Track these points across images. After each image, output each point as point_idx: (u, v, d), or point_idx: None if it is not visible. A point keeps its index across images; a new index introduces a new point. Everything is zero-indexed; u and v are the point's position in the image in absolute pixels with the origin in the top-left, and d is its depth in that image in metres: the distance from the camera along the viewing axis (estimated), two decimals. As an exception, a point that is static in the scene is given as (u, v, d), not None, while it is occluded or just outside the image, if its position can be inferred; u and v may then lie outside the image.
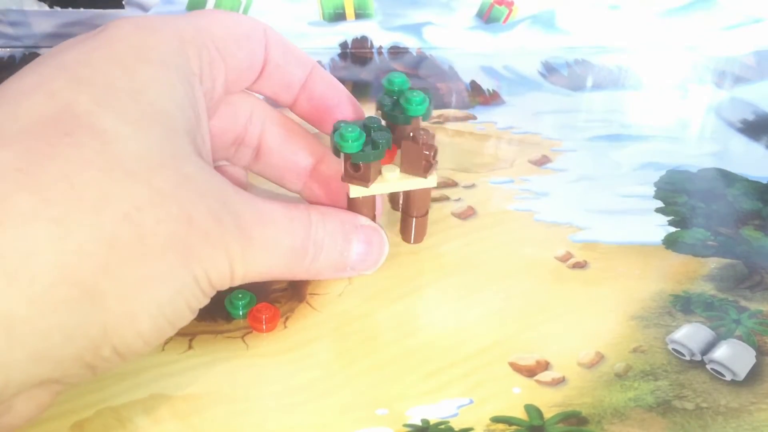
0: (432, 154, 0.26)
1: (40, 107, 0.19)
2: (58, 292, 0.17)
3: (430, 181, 0.26)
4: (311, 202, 0.28)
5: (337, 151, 0.25)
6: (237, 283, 0.22)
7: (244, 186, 0.28)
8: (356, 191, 0.26)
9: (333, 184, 0.27)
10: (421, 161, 0.26)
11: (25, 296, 0.17)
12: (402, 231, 0.29)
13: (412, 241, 0.29)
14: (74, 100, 0.19)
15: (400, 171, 0.26)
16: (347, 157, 0.25)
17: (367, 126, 0.25)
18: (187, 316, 0.21)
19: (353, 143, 0.24)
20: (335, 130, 0.25)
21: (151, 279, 0.19)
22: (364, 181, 0.25)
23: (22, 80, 0.20)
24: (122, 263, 0.18)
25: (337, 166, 0.27)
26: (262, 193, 0.30)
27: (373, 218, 0.27)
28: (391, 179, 0.26)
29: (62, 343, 0.18)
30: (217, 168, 0.28)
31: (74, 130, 0.18)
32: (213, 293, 0.21)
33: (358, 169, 0.25)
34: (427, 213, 0.29)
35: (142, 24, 0.22)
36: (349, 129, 0.24)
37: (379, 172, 0.26)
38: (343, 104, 0.27)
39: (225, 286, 0.22)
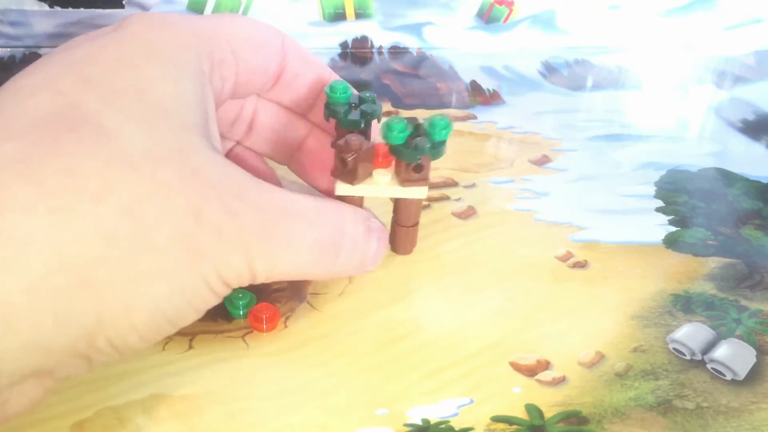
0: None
1: (47, 104, 0.19)
2: (52, 280, 0.17)
3: (415, 192, 0.25)
4: (298, 176, 0.29)
5: (332, 113, 0.25)
6: (261, 281, 0.21)
7: (275, 182, 0.28)
8: (343, 188, 0.25)
9: (320, 158, 0.27)
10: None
11: (20, 284, 0.17)
12: (390, 240, 0.28)
13: (398, 251, 0.28)
14: (81, 98, 0.19)
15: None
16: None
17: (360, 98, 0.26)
18: (189, 316, 0.20)
19: (346, 115, 0.24)
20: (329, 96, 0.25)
21: (150, 273, 0.19)
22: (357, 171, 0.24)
23: (31, 77, 0.20)
24: (120, 255, 0.18)
25: (326, 140, 0.27)
26: (292, 186, 0.30)
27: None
28: (382, 183, 0.25)
29: (55, 331, 0.18)
30: (250, 167, 0.28)
31: (79, 127, 0.18)
32: (227, 292, 0.21)
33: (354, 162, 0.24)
34: (416, 224, 0.28)
35: (156, 22, 0.22)
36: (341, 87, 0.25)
37: (370, 174, 0.25)
38: None
39: (245, 284, 0.21)
